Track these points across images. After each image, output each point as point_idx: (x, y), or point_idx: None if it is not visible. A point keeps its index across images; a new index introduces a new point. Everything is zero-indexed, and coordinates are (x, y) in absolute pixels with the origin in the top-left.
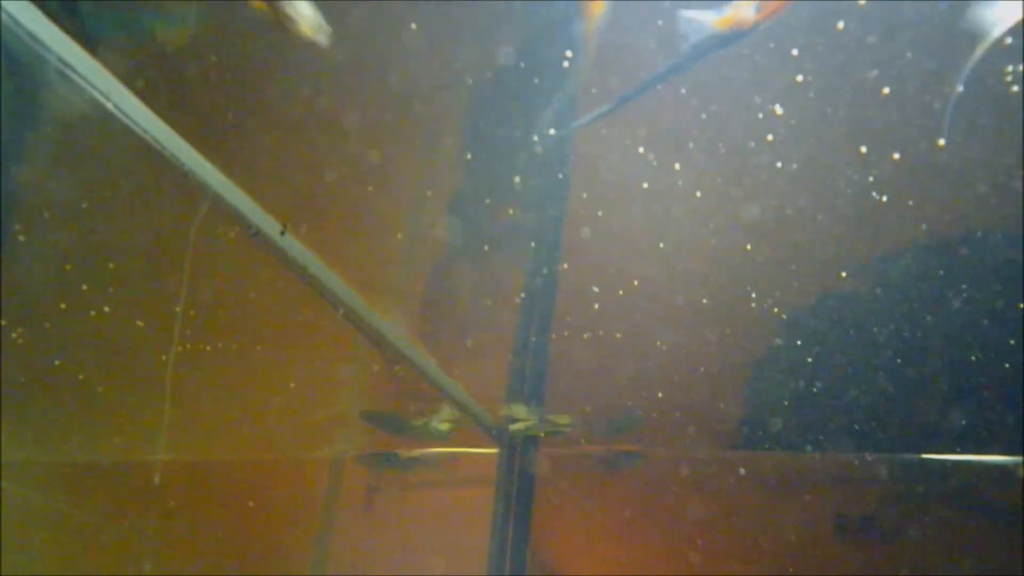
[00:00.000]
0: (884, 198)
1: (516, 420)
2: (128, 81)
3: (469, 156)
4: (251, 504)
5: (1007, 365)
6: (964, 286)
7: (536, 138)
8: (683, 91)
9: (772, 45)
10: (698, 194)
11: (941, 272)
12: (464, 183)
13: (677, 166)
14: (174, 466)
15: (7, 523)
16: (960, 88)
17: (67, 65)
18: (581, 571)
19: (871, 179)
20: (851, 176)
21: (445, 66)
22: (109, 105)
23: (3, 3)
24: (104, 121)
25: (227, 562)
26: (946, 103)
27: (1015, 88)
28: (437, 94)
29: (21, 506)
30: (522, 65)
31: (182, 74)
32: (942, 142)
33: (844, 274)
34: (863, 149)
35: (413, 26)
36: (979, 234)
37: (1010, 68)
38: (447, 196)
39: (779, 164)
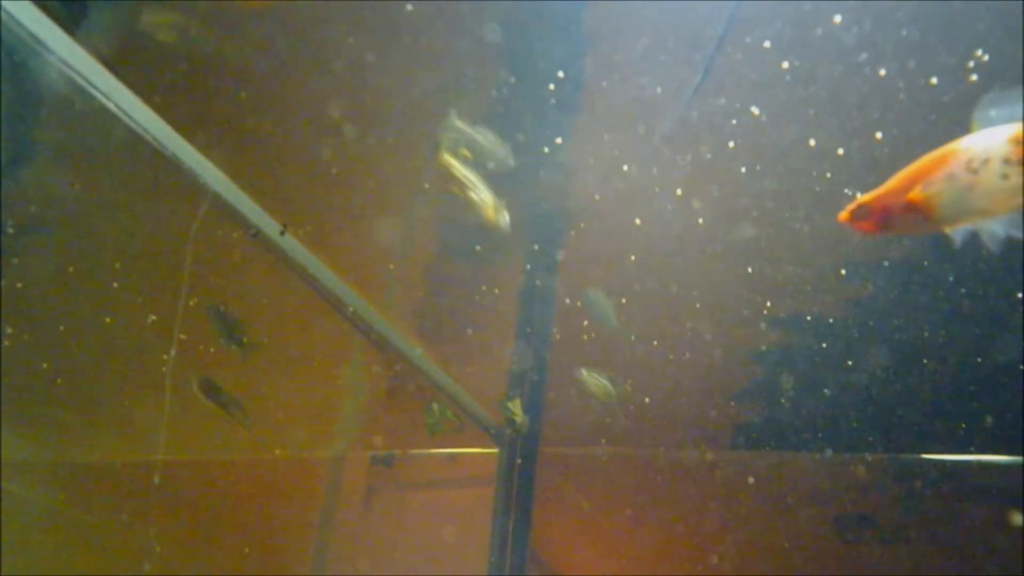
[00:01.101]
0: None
1: (514, 417)
2: (127, 80)
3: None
4: (251, 504)
5: (1007, 366)
6: (963, 287)
7: (532, 140)
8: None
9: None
10: (700, 221)
11: (941, 273)
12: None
13: (678, 187)
14: (174, 466)
15: (7, 523)
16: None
17: (67, 65)
18: (581, 571)
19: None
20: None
21: (446, 70)
22: (110, 106)
23: (3, 3)
24: (104, 121)
25: (227, 562)
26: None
27: (974, 77)
28: (437, 95)
29: (21, 506)
30: (520, 73)
31: (184, 74)
32: (879, 134)
33: (843, 272)
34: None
35: (409, 7)
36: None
37: (979, 52)
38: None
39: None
